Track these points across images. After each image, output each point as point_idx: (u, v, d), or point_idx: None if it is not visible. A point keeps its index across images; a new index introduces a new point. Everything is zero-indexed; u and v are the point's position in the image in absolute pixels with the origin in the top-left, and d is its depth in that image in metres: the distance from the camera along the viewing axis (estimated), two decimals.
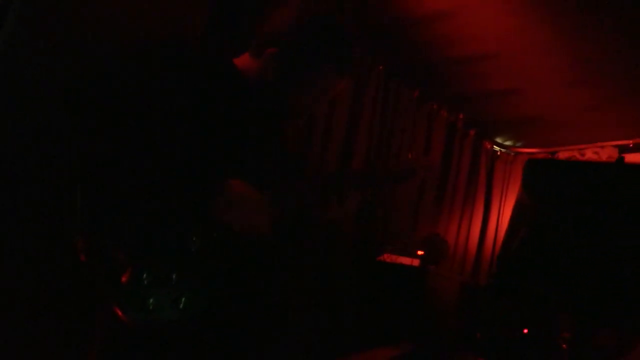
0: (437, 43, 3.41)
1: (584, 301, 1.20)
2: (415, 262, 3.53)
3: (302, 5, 1.44)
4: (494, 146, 4.95)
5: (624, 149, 4.28)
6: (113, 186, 1.20)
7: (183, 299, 1.24)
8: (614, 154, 4.33)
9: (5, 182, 1.83)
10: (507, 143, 4.94)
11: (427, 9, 3.04)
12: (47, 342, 1.90)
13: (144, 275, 1.21)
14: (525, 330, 2.40)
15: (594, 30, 2.93)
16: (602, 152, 4.41)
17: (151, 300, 1.21)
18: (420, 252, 3.65)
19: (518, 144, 4.91)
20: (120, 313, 1.18)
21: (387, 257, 3.56)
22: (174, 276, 1.24)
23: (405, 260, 3.53)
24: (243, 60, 1.49)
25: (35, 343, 1.87)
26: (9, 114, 1.84)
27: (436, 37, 3.35)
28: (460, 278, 3.62)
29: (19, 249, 1.85)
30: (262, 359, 1.51)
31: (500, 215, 4.84)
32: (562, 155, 4.63)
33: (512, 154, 4.99)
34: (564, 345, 2.36)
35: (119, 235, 1.21)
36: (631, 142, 4.20)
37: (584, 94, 3.65)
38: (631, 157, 4.13)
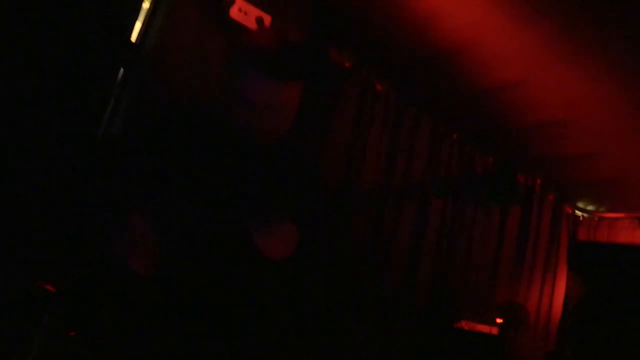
0: (508, 111, 3.49)
1: None
2: (494, 330, 3.46)
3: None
4: (576, 211, 4.81)
5: None
6: None
7: None
8: None
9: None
10: (590, 208, 4.79)
11: (497, 79, 3.15)
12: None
13: None
14: None
15: None
16: None
17: None
18: (499, 320, 3.57)
19: (601, 209, 4.74)
20: None
21: (465, 324, 3.52)
22: None
23: (484, 328, 3.47)
24: None
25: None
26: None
27: (507, 105, 3.42)
28: (543, 346, 3.49)
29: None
30: None
31: None
32: None
33: (596, 219, 4.82)
34: None
35: None
36: None
37: None
38: None
